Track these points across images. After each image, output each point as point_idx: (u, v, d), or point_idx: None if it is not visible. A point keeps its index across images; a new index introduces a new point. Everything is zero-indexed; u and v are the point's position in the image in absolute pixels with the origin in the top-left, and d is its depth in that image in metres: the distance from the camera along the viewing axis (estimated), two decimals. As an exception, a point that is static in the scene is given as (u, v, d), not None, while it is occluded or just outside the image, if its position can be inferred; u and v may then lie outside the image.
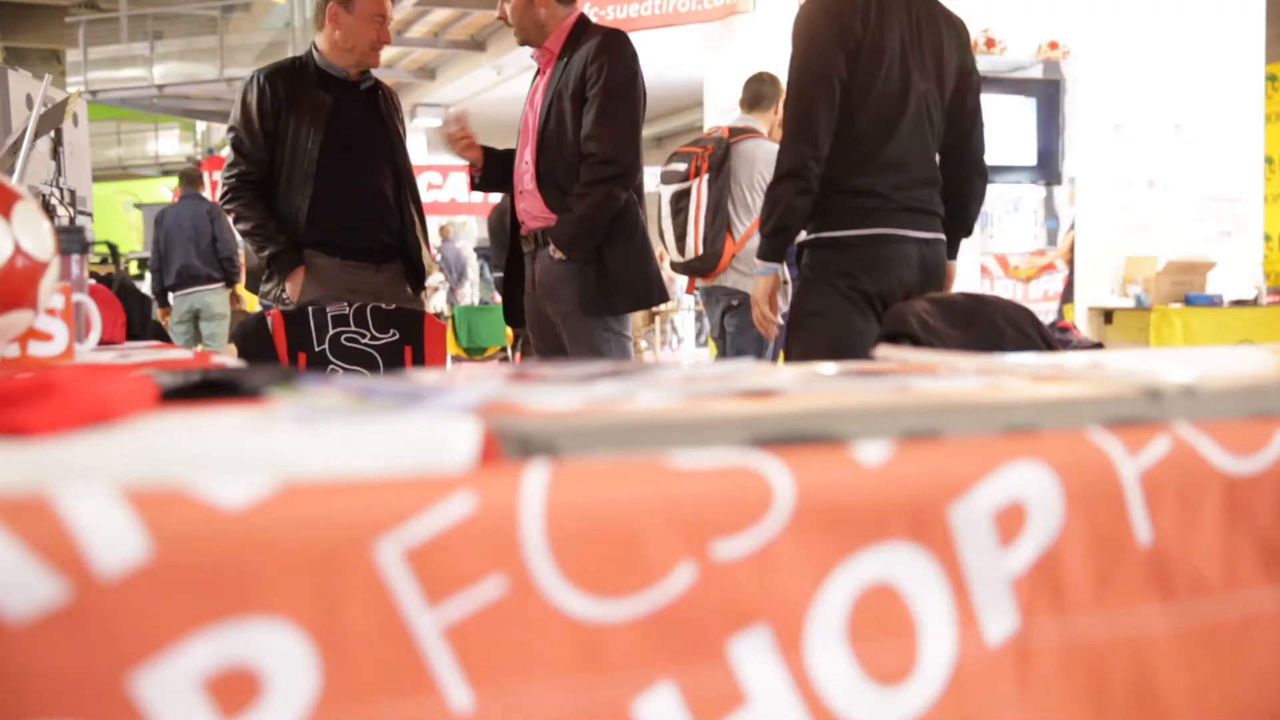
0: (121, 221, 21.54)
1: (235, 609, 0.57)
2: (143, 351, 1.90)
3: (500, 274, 9.73)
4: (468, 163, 3.72)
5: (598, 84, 3.39)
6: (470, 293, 15.42)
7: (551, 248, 3.49)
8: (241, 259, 10.24)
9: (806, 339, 3.07)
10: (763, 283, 3.19)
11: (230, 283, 9.04)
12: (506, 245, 3.82)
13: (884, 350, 1.42)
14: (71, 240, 1.79)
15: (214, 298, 8.91)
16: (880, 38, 2.97)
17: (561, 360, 3.60)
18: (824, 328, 3.03)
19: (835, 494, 0.72)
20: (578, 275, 3.48)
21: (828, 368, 1.20)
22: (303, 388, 0.81)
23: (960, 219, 3.22)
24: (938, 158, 3.16)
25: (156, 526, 0.56)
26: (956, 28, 3.17)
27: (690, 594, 0.67)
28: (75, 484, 0.58)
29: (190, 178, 9.41)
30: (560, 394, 0.86)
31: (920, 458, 0.74)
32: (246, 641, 0.57)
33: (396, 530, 0.61)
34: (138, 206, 21.98)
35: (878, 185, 2.99)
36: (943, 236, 3.13)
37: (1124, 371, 0.91)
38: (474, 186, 3.81)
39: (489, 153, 3.69)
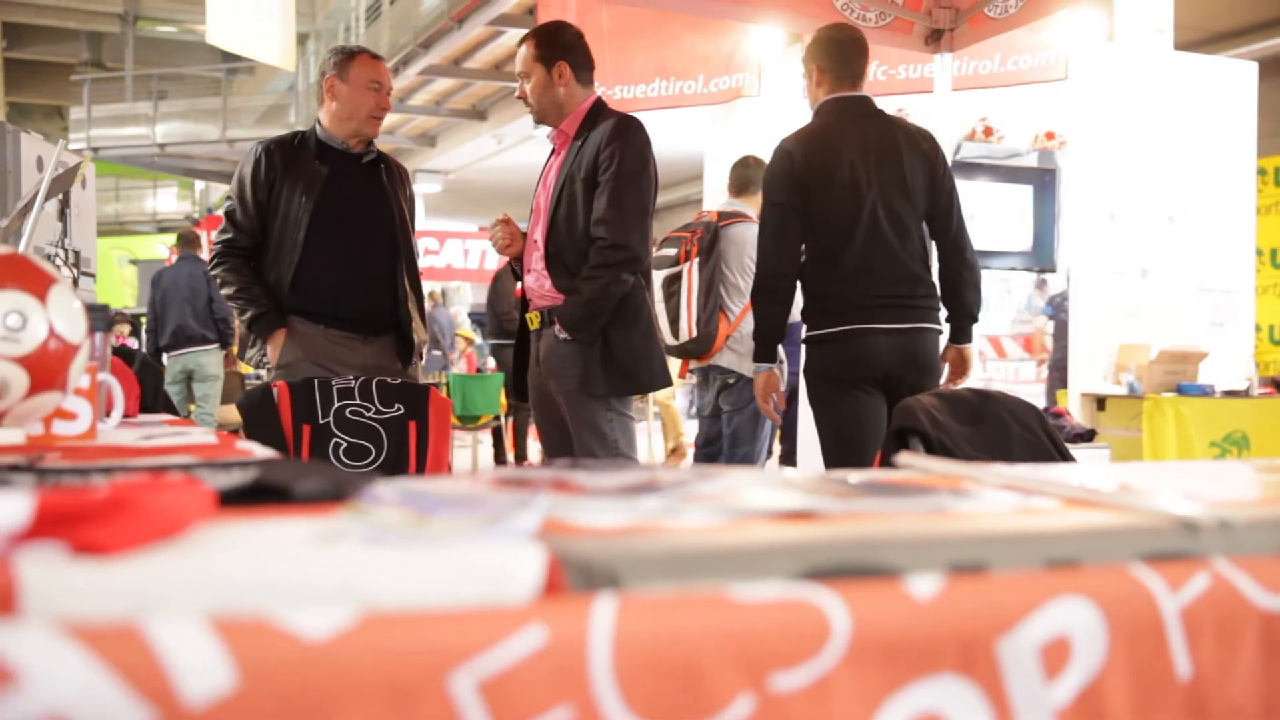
0: (116, 277, 21.57)
1: (315, 740, 0.58)
2: (163, 430, 1.91)
3: (495, 342, 9.75)
4: (509, 259, 3.80)
5: (610, 169, 3.43)
6: (461, 360, 15.36)
7: (557, 327, 3.51)
8: (236, 325, 10.28)
9: (821, 421, 3.71)
10: (760, 380, 3.75)
11: (225, 344, 9.05)
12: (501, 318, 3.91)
13: (905, 458, 1.44)
14: (97, 318, 1.81)
15: (208, 358, 8.92)
16: (826, 172, 3.52)
17: (564, 440, 3.62)
18: (820, 407, 3.69)
19: (889, 627, 0.73)
20: (582, 355, 3.50)
21: (854, 478, 1.21)
22: (363, 503, 0.83)
23: (957, 306, 3.69)
24: (933, 255, 3.68)
25: (243, 656, 0.58)
26: (920, 143, 3.62)
27: (748, 726, 0.68)
28: (164, 612, 0.59)
29: (188, 239, 9.46)
30: (608, 510, 0.88)
31: (970, 592, 0.76)
32: (325, 772, 0.58)
33: (471, 662, 0.62)
34: (133, 263, 22.05)
35: (844, 290, 3.52)
36: (929, 325, 3.58)
37: (1157, 500, 0.93)
38: (517, 277, 3.85)
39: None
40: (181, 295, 8.84)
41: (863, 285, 3.50)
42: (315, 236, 3.65)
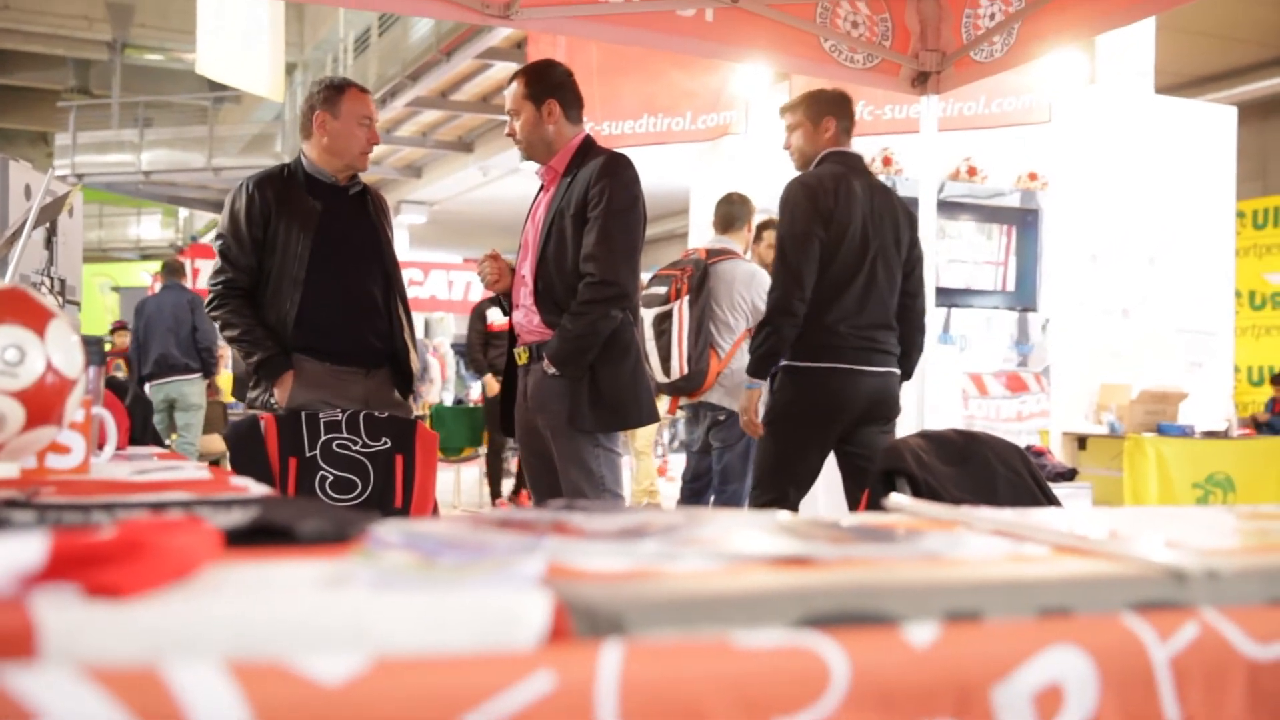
0: (98, 304, 21.50)
1: (329, 784, 0.59)
2: (155, 465, 1.91)
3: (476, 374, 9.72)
4: (498, 294, 3.81)
5: (599, 206, 3.46)
6: (433, 391, 15.08)
7: (545, 362, 3.53)
8: (221, 352, 10.24)
9: (770, 443, 3.94)
10: (752, 395, 3.97)
11: (208, 374, 9.01)
12: (485, 350, 3.94)
13: (895, 500, 1.46)
14: (91, 352, 1.82)
15: (190, 388, 8.87)
16: (846, 212, 3.81)
17: (550, 475, 3.62)
18: (783, 438, 3.90)
19: (887, 675, 0.75)
20: (569, 391, 3.51)
21: (846, 521, 1.23)
22: (369, 546, 0.84)
23: (914, 352, 4.05)
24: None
25: (260, 701, 0.59)
26: (908, 214, 4.01)
27: (750, 772, 0.70)
28: (180, 656, 0.60)
29: (172, 268, 9.42)
30: (608, 554, 0.89)
31: (966, 640, 0.78)
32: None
33: (482, 707, 0.63)
34: (115, 290, 21.98)
35: (837, 328, 3.80)
36: (896, 370, 3.94)
37: (1147, 549, 0.95)
38: (505, 314, 3.86)
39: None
40: (165, 324, 8.80)
41: (853, 327, 3.82)
42: (314, 273, 3.65)
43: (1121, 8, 3.74)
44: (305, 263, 3.65)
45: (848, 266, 3.82)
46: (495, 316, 8.21)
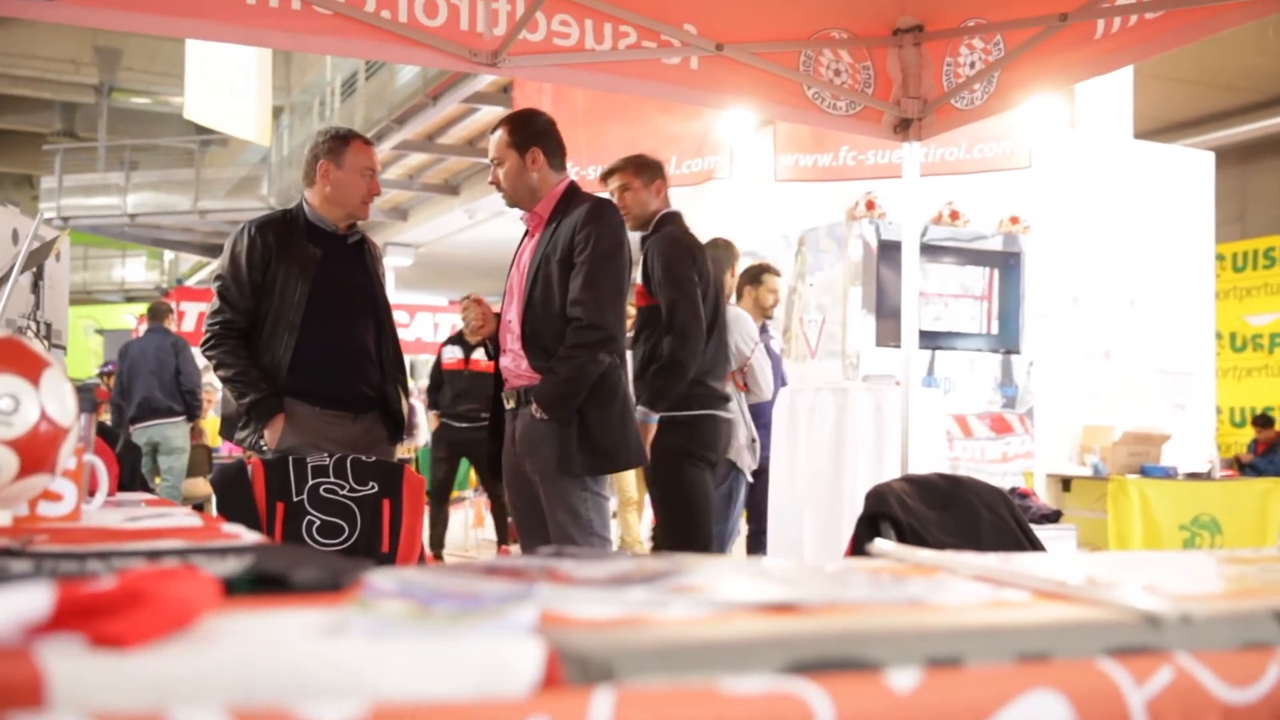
0: (82, 347, 21.42)
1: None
2: (145, 512, 1.93)
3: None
4: (483, 340, 3.85)
5: (586, 251, 3.49)
6: (421, 435, 14.93)
7: (533, 406, 3.55)
8: (208, 395, 10.21)
9: (679, 489, 4.36)
10: (651, 430, 4.16)
11: (191, 416, 8.99)
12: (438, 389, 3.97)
13: (879, 545, 1.48)
14: (84, 400, 1.83)
15: (174, 431, 8.84)
16: (707, 270, 4.28)
17: (538, 519, 3.64)
18: (679, 478, 4.34)
19: (870, 719, 0.77)
20: (558, 435, 3.53)
21: (833, 567, 1.25)
22: (365, 595, 0.86)
23: None
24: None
25: (262, 749, 0.61)
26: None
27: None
28: (185, 706, 0.62)
29: (156, 311, 9.41)
30: (599, 601, 0.91)
31: (947, 686, 0.80)
32: None
33: (477, 754, 0.65)
34: (99, 332, 21.92)
35: (706, 379, 4.33)
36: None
37: (1123, 594, 0.97)
38: (490, 357, 3.90)
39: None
40: (149, 367, 8.79)
41: (714, 376, 4.41)
42: (310, 319, 3.70)
43: (1099, 57, 3.80)
44: (302, 309, 3.70)
45: (709, 325, 4.27)
46: (448, 354, 8.28)
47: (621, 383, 3.61)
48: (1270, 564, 1.45)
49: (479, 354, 8.16)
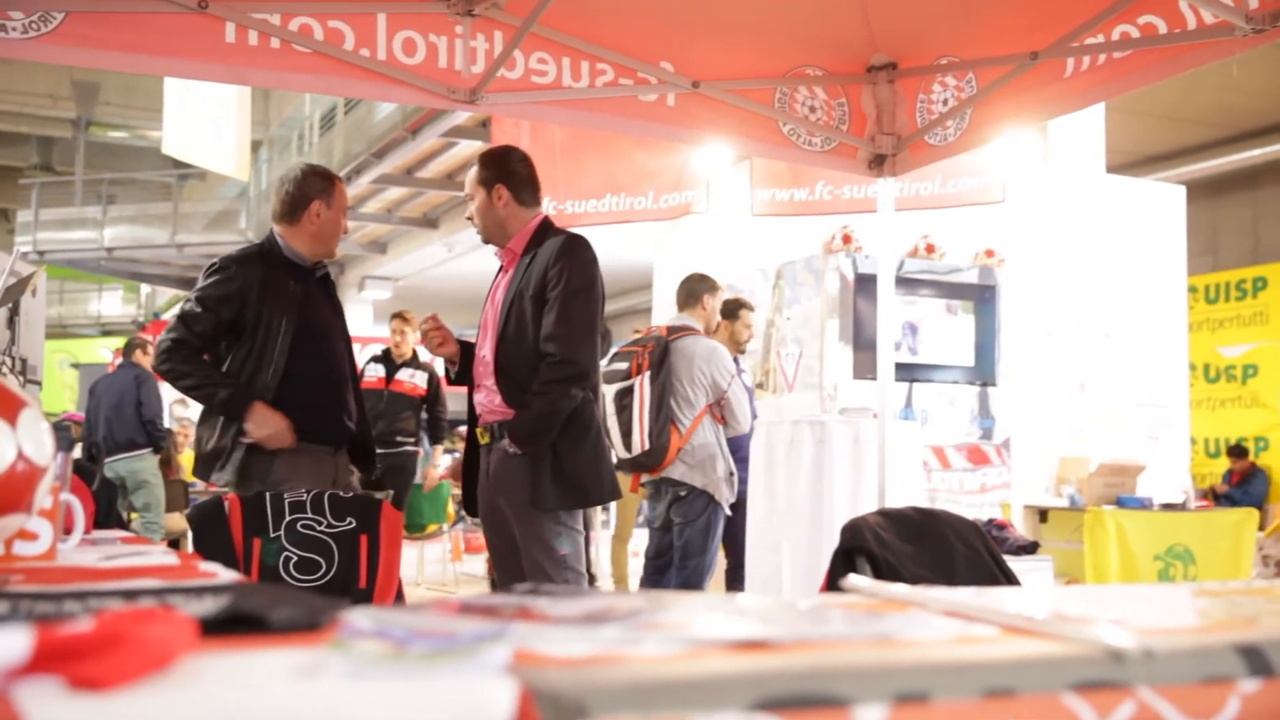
0: (57, 381, 21.29)
1: None
2: (121, 550, 1.93)
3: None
4: (445, 359, 3.83)
5: (558, 286, 3.52)
6: None
7: (507, 441, 3.56)
8: (185, 431, 10.12)
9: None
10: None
11: (156, 448, 8.89)
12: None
13: (852, 580, 1.49)
14: (60, 438, 1.83)
15: (139, 464, 8.73)
16: None
17: (513, 554, 3.64)
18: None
19: (839, 756, 0.78)
20: (531, 470, 3.54)
21: (805, 603, 1.27)
22: (341, 636, 0.87)
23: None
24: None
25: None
26: None
27: None
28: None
29: (128, 346, 9.34)
30: (572, 639, 0.92)
31: (914, 721, 0.81)
32: None
33: (451, 793, 0.66)
34: (75, 366, 21.80)
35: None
36: None
37: (1088, 629, 0.99)
38: (451, 381, 3.91)
39: (465, 348, 3.78)
40: (111, 402, 8.72)
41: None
42: (295, 355, 3.70)
43: (1069, 95, 3.86)
44: (287, 346, 3.70)
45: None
46: (370, 372, 7.83)
47: (595, 417, 3.63)
48: (1237, 597, 1.47)
49: (403, 375, 7.96)
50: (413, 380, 8.01)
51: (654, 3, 3.96)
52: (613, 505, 7.04)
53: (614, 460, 5.44)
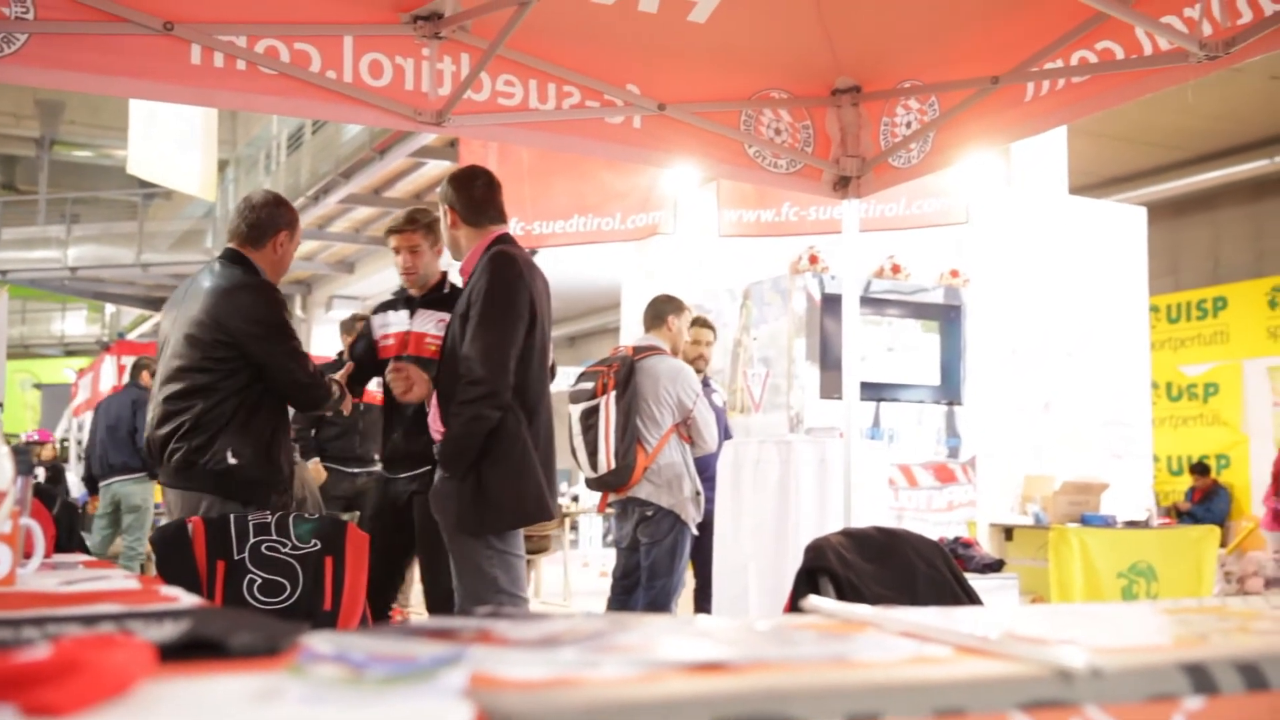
0: (18, 401, 21.07)
1: None
2: (82, 574, 1.92)
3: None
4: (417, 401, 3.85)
5: (475, 306, 3.53)
6: None
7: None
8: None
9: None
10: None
11: (152, 474, 8.80)
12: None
13: (812, 601, 1.51)
14: (20, 462, 1.83)
15: (133, 488, 8.68)
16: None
17: (441, 575, 3.69)
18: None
19: (791, 776, 0.79)
20: (456, 494, 3.53)
21: (761, 625, 1.28)
22: (299, 660, 0.87)
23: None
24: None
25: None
26: None
27: None
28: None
29: (137, 367, 9.19)
30: (529, 662, 0.93)
31: (866, 741, 0.83)
32: None
33: (406, 816, 0.67)
34: (37, 387, 21.58)
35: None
36: None
37: (1038, 650, 1.01)
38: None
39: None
40: (108, 423, 8.71)
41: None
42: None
43: (1029, 119, 3.92)
44: None
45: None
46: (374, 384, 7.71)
47: (520, 437, 3.54)
48: (1190, 615, 1.50)
49: (373, 384, 7.72)
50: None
51: (620, 26, 3.98)
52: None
53: (583, 479, 5.46)
